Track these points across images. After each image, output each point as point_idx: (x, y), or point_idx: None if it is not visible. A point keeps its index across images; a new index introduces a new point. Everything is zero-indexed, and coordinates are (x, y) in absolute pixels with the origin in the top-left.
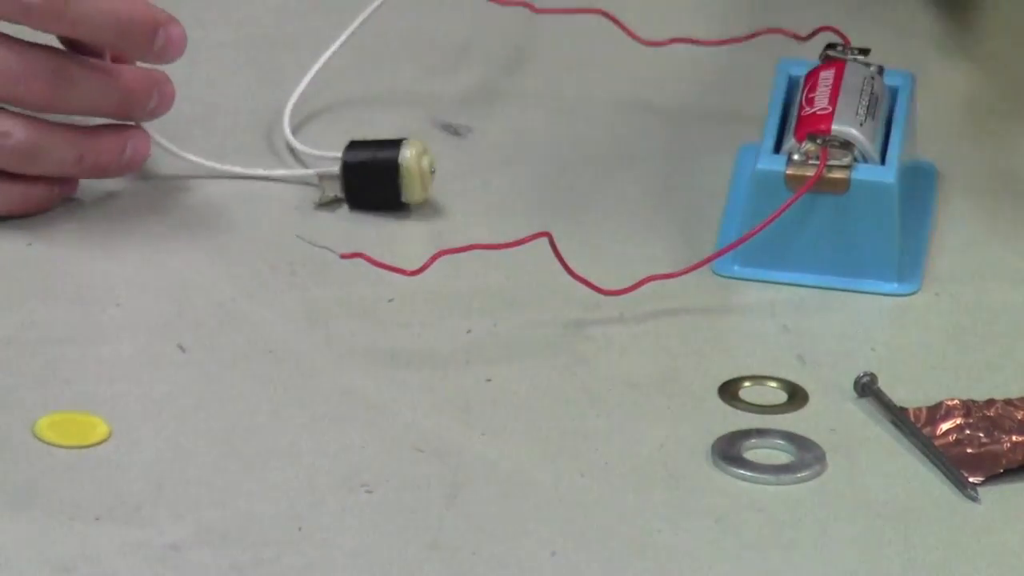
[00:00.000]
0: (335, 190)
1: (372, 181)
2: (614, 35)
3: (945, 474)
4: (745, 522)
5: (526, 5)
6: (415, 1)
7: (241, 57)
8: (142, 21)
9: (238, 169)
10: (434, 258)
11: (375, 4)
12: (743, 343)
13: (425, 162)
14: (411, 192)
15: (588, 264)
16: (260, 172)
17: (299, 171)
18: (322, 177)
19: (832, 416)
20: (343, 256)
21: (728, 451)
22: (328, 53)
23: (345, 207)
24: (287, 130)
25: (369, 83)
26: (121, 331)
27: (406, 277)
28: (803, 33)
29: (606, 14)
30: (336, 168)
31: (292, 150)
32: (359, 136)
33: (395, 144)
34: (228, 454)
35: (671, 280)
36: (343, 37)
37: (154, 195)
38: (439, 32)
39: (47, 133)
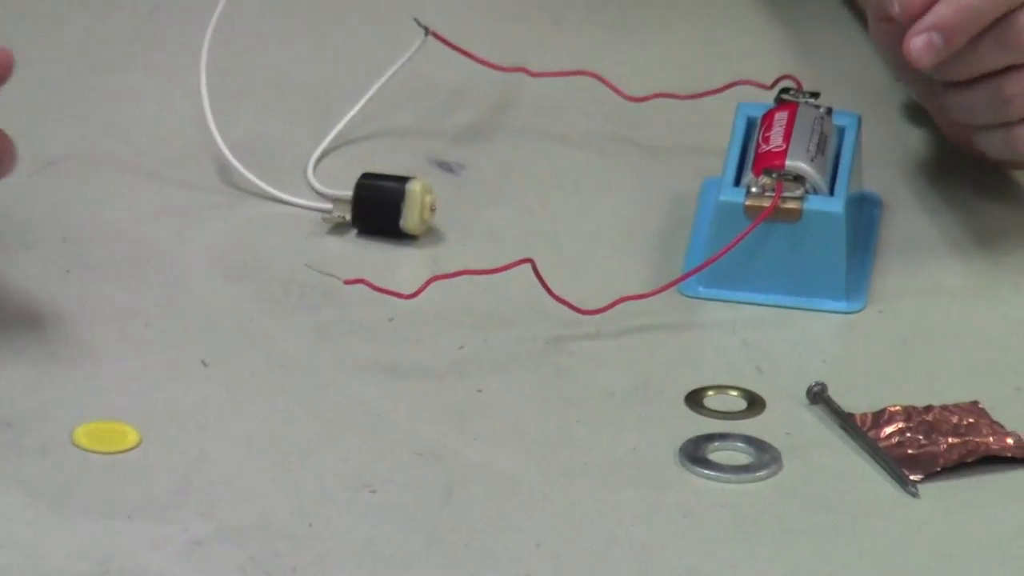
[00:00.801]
0: (344, 211)
1: (379, 208)
2: (602, 92)
3: (889, 473)
4: (709, 517)
5: (522, 71)
6: (418, 56)
7: (260, 101)
8: None
9: (270, 189)
10: (428, 282)
11: (405, 57)
12: (707, 356)
13: (428, 199)
14: (411, 222)
15: (568, 286)
16: (284, 196)
17: (314, 201)
18: (335, 201)
19: (787, 421)
20: (346, 282)
21: (694, 453)
22: (363, 100)
23: (353, 233)
24: (311, 167)
25: (371, 125)
26: (150, 348)
27: (404, 300)
28: (764, 79)
29: (594, 75)
30: (346, 195)
31: (309, 184)
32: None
33: (404, 179)
34: (246, 458)
35: (642, 300)
36: (375, 87)
37: (179, 226)
38: (437, 81)
39: None
